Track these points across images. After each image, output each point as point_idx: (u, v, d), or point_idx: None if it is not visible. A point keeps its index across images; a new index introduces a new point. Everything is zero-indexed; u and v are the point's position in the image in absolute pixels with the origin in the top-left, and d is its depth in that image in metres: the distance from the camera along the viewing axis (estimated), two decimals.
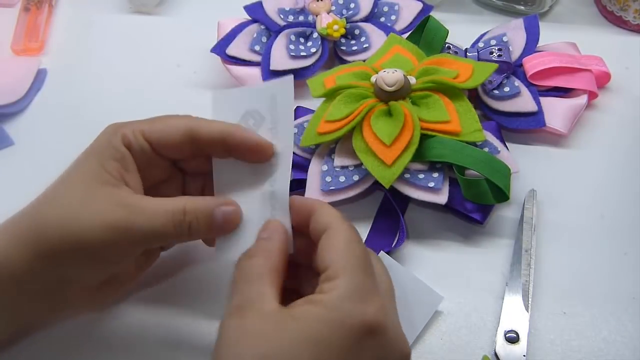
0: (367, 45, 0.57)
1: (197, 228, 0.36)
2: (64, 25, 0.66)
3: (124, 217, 0.34)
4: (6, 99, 0.58)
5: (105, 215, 0.34)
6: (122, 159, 0.37)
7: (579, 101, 0.52)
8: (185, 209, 0.35)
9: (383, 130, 0.45)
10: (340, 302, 0.31)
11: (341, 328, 0.30)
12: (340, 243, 0.33)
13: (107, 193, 0.35)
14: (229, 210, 0.36)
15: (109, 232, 0.34)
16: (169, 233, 0.35)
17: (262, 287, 0.32)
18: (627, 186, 0.49)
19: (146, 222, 0.35)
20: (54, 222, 0.35)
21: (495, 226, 0.47)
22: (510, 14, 0.64)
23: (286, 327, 0.30)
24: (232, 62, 0.57)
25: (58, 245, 0.34)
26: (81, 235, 0.34)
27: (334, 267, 0.32)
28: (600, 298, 0.43)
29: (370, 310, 0.31)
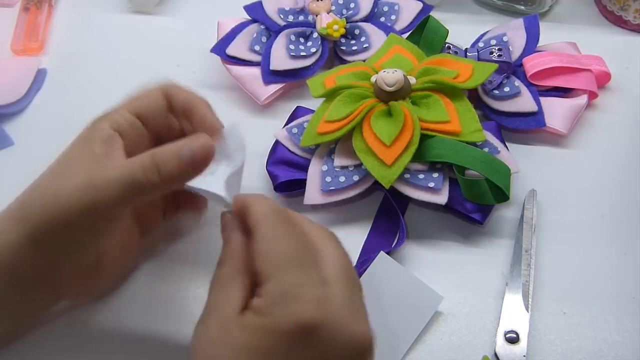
0: (367, 45, 0.57)
1: (166, 169, 0.34)
2: (64, 25, 0.66)
3: (94, 175, 0.34)
4: (6, 99, 0.58)
5: (81, 178, 0.35)
6: (108, 140, 0.37)
7: (579, 101, 0.52)
8: (153, 154, 0.35)
9: (383, 131, 0.45)
10: (270, 307, 0.31)
11: (275, 334, 0.30)
12: (262, 245, 0.33)
13: (87, 162, 0.36)
14: (197, 145, 0.35)
15: (81, 192, 0.34)
16: (140, 180, 0.34)
17: (229, 292, 0.33)
18: (627, 186, 0.49)
19: (117, 173, 0.34)
20: (36, 203, 0.36)
21: (495, 226, 0.47)
22: (510, 14, 0.64)
23: (233, 336, 0.31)
24: (232, 62, 0.57)
25: (40, 223, 0.35)
26: (58, 206, 0.34)
27: (262, 271, 0.32)
28: (600, 298, 0.43)
29: (300, 309, 0.30)
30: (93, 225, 0.36)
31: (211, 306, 0.33)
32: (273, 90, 0.55)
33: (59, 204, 0.34)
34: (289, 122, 0.52)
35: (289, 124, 0.52)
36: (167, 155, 0.35)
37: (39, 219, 0.35)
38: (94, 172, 0.35)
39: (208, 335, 0.31)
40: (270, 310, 0.31)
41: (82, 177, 0.35)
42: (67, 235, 0.35)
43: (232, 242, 0.35)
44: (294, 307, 0.30)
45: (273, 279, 0.31)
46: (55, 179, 0.36)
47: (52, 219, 0.35)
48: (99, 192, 0.34)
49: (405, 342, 0.40)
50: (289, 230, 0.34)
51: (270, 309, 0.31)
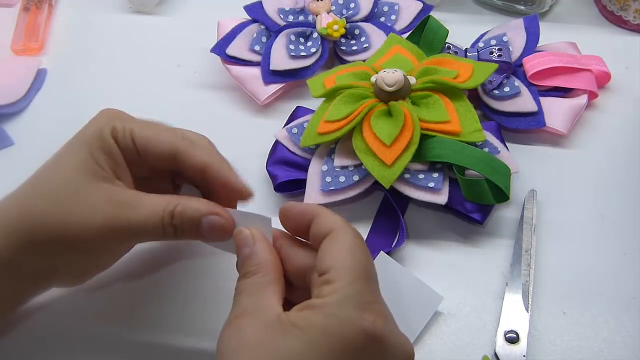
0: (367, 45, 0.57)
1: (182, 233, 0.35)
2: (64, 25, 0.66)
3: (114, 215, 0.34)
4: (6, 99, 0.58)
5: (96, 211, 0.34)
6: (110, 152, 0.36)
7: (579, 101, 0.52)
8: (174, 213, 0.35)
9: (383, 131, 0.45)
10: (338, 308, 0.30)
11: (339, 336, 0.29)
12: (342, 246, 0.33)
13: (98, 188, 0.35)
14: (216, 220, 0.35)
15: (98, 229, 0.34)
16: (156, 234, 0.35)
17: (263, 298, 0.32)
18: (627, 186, 0.49)
19: (135, 221, 0.34)
20: (43, 214, 0.35)
21: (495, 226, 0.47)
22: (510, 13, 0.64)
23: (284, 337, 0.30)
24: (232, 62, 0.57)
25: (45, 237, 0.34)
26: (70, 230, 0.34)
27: (334, 270, 0.31)
28: (600, 298, 0.43)
29: (369, 318, 0.30)
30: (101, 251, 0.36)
31: (244, 310, 0.32)
32: (273, 90, 0.55)
33: (71, 232, 0.34)
34: (289, 122, 0.52)
35: (289, 124, 0.52)
36: (185, 219, 0.35)
37: (45, 235, 0.34)
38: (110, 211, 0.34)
39: (246, 340, 0.30)
40: (338, 310, 0.30)
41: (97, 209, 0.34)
42: (71, 254, 0.35)
43: (261, 253, 0.34)
44: (362, 314, 0.30)
45: (345, 280, 0.31)
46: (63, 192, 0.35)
47: (60, 239, 0.34)
48: (115, 233, 0.34)
49: None
50: (363, 243, 0.34)
51: (338, 308, 0.30)
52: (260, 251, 0.34)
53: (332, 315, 0.30)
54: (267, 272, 0.34)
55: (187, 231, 0.35)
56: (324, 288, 0.31)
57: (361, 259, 0.32)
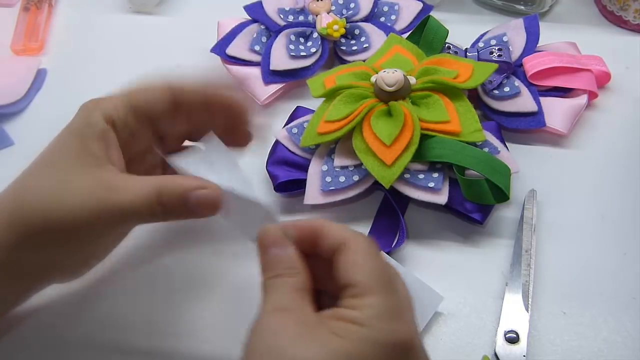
0: (367, 45, 0.57)
1: (170, 210, 0.35)
2: (64, 25, 0.66)
3: (104, 198, 0.35)
4: (6, 99, 0.58)
5: (85, 198, 0.35)
6: (104, 137, 0.36)
7: (579, 101, 0.52)
8: (161, 191, 0.35)
9: (383, 131, 0.45)
10: (377, 321, 0.31)
11: (381, 347, 0.30)
12: (362, 258, 0.33)
13: (88, 173, 0.35)
14: (204, 194, 0.35)
15: (89, 213, 0.34)
16: (144, 213, 0.35)
17: (300, 299, 0.32)
18: (627, 186, 0.49)
19: (126, 202, 0.35)
20: (36, 205, 0.35)
21: (495, 226, 0.47)
22: (510, 13, 0.64)
23: (330, 340, 0.30)
24: (232, 62, 0.57)
25: (40, 228, 0.35)
26: (62, 218, 0.34)
27: (362, 285, 0.32)
28: (600, 298, 0.43)
29: (403, 329, 0.31)
30: (94, 237, 0.36)
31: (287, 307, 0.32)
32: (273, 90, 0.55)
33: (64, 219, 0.34)
34: (289, 122, 0.52)
35: (289, 124, 0.52)
36: (173, 195, 0.35)
37: (40, 226, 0.34)
38: (100, 194, 0.35)
39: (291, 335, 0.30)
40: (377, 323, 0.30)
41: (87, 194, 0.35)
42: (66, 243, 0.35)
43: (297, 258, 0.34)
44: (397, 326, 0.31)
45: (376, 294, 0.31)
46: (55, 182, 0.36)
47: (54, 228, 0.34)
48: (106, 216, 0.35)
49: None
50: (376, 248, 0.34)
51: (376, 321, 0.31)
52: (296, 255, 0.34)
53: (372, 328, 0.30)
54: (304, 277, 0.33)
55: (176, 207, 0.35)
56: (355, 302, 0.31)
57: (383, 269, 0.33)
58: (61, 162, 0.36)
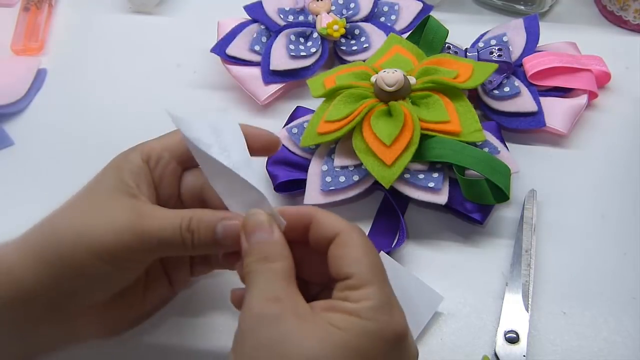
0: (367, 45, 0.57)
1: (199, 237, 0.36)
2: (64, 25, 0.66)
3: (133, 222, 0.35)
4: (6, 99, 0.58)
5: (115, 220, 0.35)
6: (139, 172, 0.37)
7: (579, 101, 0.52)
8: (191, 219, 0.35)
9: (383, 131, 0.45)
10: (375, 313, 0.31)
11: (379, 339, 0.31)
12: (358, 250, 0.33)
13: (122, 201, 0.36)
14: (230, 224, 0.36)
15: (116, 233, 0.34)
16: (175, 240, 0.35)
17: (292, 288, 0.32)
18: (627, 186, 0.49)
19: (155, 227, 0.35)
20: (66, 228, 0.35)
21: (495, 226, 0.47)
22: (510, 13, 0.64)
23: (329, 332, 0.30)
24: (232, 62, 0.57)
25: (69, 250, 0.34)
26: (93, 239, 0.34)
27: (358, 276, 0.32)
28: (600, 298, 0.43)
29: (398, 320, 0.32)
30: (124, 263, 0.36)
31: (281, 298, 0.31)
32: (273, 90, 0.55)
33: (94, 240, 0.34)
34: (289, 122, 0.52)
35: (289, 124, 0.52)
36: (201, 224, 0.35)
37: (69, 247, 0.34)
38: (132, 218, 0.35)
39: (288, 330, 0.30)
40: (375, 315, 0.31)
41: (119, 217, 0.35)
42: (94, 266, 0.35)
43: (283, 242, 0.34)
44: (393, 317, 0.32)
45: (374, 286, 0.32)
46: (87, 207, 0.36)
47: (83, 250, 0.34)
48: (136, 239, 0.34)
49: None
50: (370, 240, 0.34)
51: (375, 313, 0.31)
52: (282, 240, 0.34)
53: (370, 320, 0.31)
54: (291, 263, 0.33)
55: (204, 236, 0.35)
56: (352, 294, 0.32)
57: (376, 259, 0.33)
58: (96, 192, 0.37)
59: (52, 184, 0.52)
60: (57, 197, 0.37)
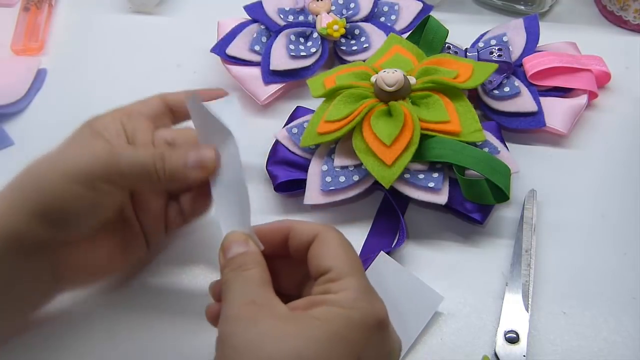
0: (367, 45, 0.57)
1: (171, 163, 0.38)
2: (64, 25, 0.66)
3: (110, 149, 0.38)
4: (6, 99, 0.58)
5: (93, 147, 0.38)
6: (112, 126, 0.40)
7: (579, 101, 0.52)
8: (164, 151, 0.38)
9: (383, 131, 0.45)
10: (355, 301, 0.32)
11: (361, 326, 0.31)
12: (335, 246, 0.34)
13: (99, 143, 0.39)
14: (203, 152, 0.38)
15: (95, 158, 0.37)
16: (148, 165, 0.38)
17: (268, 293, 0.33)
18: (627, 186, 0.49)
19: (129, 151, 0.38)
20: (43, 162, 0.37)
21: (495, 226, 0.47)
22: (510, 13, 0.64)
23: (311, 326, 0.31)
24: (232, 62, 0.57)
25: (47, 180, 0.36)
26: (68, 164, 0.37)
27: (337, 269, 0.33)
28: (600, 298, 0.43)
29: (379, 307, 0.33)
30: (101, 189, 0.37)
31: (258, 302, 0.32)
32: (273, 90, 0.55)
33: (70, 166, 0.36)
34: (289, 122, 0.52)
35: (289, 124, 0.52)
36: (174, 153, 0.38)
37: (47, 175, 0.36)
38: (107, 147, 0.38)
39: (267, 333, 0.30)
40: (355, 303, 0.32)
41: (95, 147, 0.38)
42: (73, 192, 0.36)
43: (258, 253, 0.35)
44: (374, 304, 0.33)
45: (353, 276, 0.33)
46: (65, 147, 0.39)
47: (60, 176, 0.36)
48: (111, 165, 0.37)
49: (405, 342, 0.40)
50: (347, 239, 0.36)
51: (355, 301, 0.32)
52: (257, 251, 0.35)
53: (352, 309, 0.32)
54: (265, 269, 0.34)
55: (175, 162, 0.38)
56: (332, 286, 0.33)
57: (352, 253, 0.35)
58: (71, 142, 0.39)
59: None
60: None
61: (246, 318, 0.31)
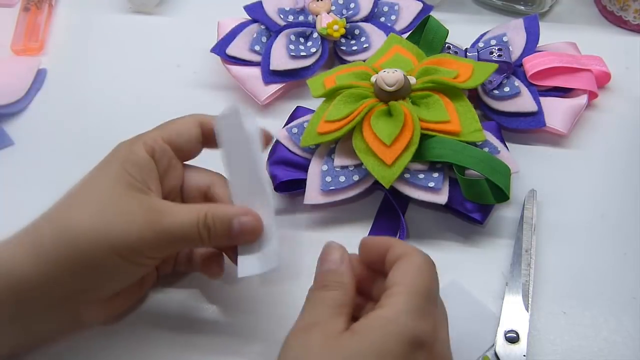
0: (367, 45, 0.57)
1: (215, 233, 0.37)
2: (64, 25, 0.66)
3: (153, 220, 0.36)
4: (6, 99, 0.58)
5: (134, 219, 0.35)
6: (145, 165, 0.38)
7: (579, 101, 0.52)
8: (207, 215, 0.37)
9: (383, 130, 0.45)
10: (398, 315, 0.32)
11: (398, 339, 0.31)
12: (410, 266, 0.34)
13: (134, 197, 0.36)
14: (247, 220, 0.37)
15: (138, 233, 0.35)
16: (194, 235, 0.36)
17: (337, 314, 0.33)
18: (627, 186, 0.49)
19: (175, 224, 0.36)
20: (83, 226, 0.35)
21: (495, 226, 0.47)
22: (510, 14, 0.64)
23: (348, 341, 0.31)
24: (232, 62, 0.57)
25: (90, 248, 0.35)
26: (116, 237, 0.35)
27: (398, 286, 0.33)
28: (600, 298, 0.43)
29: (423, 327, 0.32)
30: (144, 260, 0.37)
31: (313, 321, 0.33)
32: (273, 90, 0.55)
33: (119, 240, 0.35)
34: (289, 122, 0.52)
35: (289, 124, 0.52)
36: (218, 219, 0.37)
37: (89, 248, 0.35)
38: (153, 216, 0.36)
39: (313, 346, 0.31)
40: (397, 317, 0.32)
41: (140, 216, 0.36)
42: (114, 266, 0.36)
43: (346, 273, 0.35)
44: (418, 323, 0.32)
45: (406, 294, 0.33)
46: (100, 202, 0.36)
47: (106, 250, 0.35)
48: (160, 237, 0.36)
49: None
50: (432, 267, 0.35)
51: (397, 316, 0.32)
52: (346, 272, 0.35)
53: (392, 321, 0.31)
54: (346, 292, 0.35)
55: (220, 231, 0.37)
56: (385, 300, 0.33)
57: (425, 279, 0.34)
58: (104, 184, 0.37)
59: (52, 184, 0.51)
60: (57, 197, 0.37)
61: (303, 334, 0.32)
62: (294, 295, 0.38)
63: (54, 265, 0.35)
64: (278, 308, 0.43)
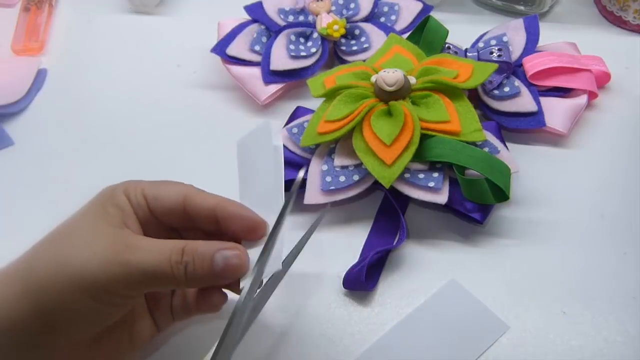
0: (367, 45, 0.57)
1: (193, 271, 0.33)
2: (64, 25, 0.66)
3: (122, 251, 0.33)
4: (6, 99, 0.58)
5: (98, 249, 0.33)
6: (123, 207, 0.35)
7: (579, 101, 0.52)
8: (184, 250, 0.33)
9: (383, 130, 0.45)
10: None
11: None
12: None
13: (104, 230, 0.34)
14: (231, 255, 0.34)
15: (103, 265, 0.32)
16: (166, 272, 0.33)
17: None
18: (627, 186, 0.49)
19: (144, 258, 0.33)
20: (48, 258, 0.33)
21: (495, 226, 0.47)
22: (510, 14, 0.64)
23: None
24: (232, 62, 0.57)
25: (51, 281, 0.32)
26: (75, 269, 0.32)
27: None
28: (600, 298, 0.43)
29: None
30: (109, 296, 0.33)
31: None
32: (273, 90, 0.55)
33: (78, 270, 0.32)
34: (289, 122, 0.52)
35: (289, 124, 0.52)
36: (196, 256, 0.33)
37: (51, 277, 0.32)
38: (119, 247, 0.33)
39: None
40: None
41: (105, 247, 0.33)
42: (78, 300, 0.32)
43: None
44: None
45: None
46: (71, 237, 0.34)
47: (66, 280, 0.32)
48: (124, 270, 0.32)
49: None
50: None
51: None
52: None
53: None
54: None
55: (199, 269, 0.33)
56: None
57: None
58: (79, 221, 0.35)
59: (52, 183, 0.52)
60: (57, 197, 0.37)
61: None
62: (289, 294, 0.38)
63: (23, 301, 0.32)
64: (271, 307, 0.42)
